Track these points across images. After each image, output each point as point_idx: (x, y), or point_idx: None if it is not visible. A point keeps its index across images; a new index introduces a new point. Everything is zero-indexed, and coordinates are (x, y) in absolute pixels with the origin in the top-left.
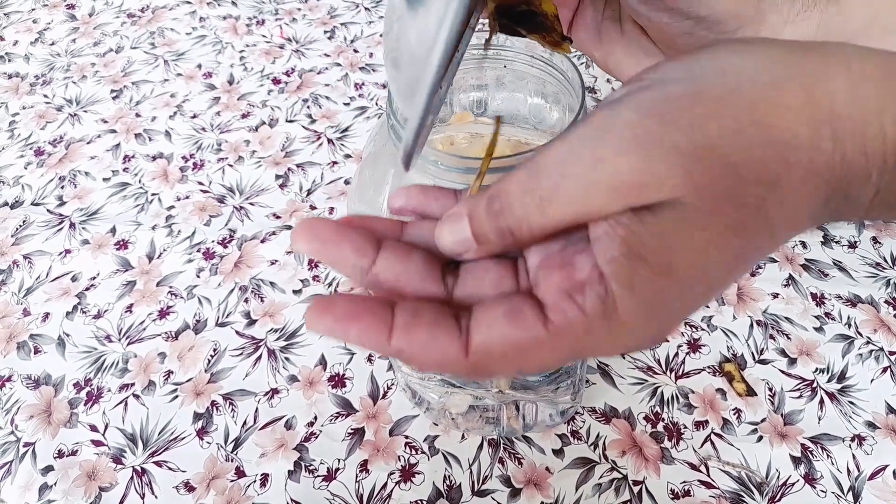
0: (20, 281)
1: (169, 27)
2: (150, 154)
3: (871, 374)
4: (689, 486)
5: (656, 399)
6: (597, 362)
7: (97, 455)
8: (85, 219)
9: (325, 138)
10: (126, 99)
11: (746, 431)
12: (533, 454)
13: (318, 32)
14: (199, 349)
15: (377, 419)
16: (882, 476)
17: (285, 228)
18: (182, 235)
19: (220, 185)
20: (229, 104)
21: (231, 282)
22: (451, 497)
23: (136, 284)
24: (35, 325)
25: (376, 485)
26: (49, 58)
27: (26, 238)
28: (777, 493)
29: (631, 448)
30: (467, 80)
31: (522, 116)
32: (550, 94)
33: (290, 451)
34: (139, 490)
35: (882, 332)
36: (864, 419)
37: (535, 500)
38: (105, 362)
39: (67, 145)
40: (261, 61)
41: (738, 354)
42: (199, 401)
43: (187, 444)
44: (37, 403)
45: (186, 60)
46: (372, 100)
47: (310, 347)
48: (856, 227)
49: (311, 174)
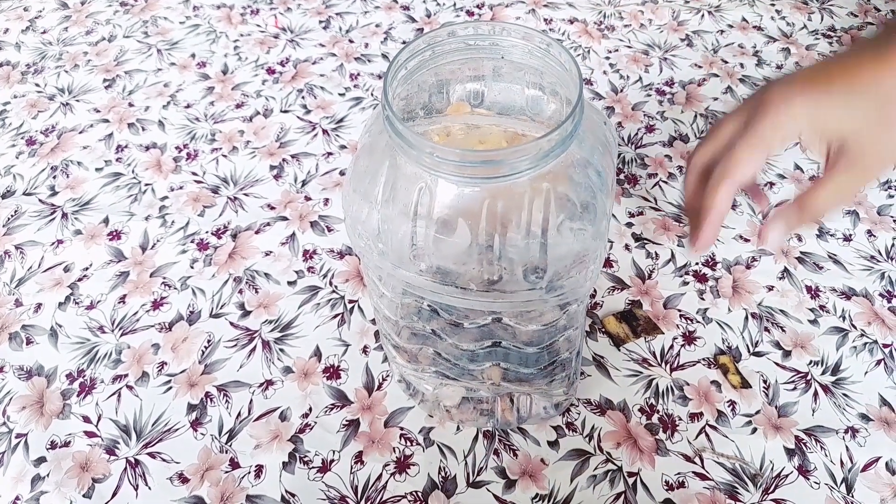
0: (12, 271)
1: (162, 16)
2: (143, 144)
3: (865, 366)
4: (684, 477)
5: (651, 391)
6: (592, 354)
7: (90, 446)
8: (77, 209)
9: (320, 129)
10: (119, 88)
11: (741, 423)
12: (528, 446)
13: (314, 22)
14: (192, 340)
15: (372, 411)
16: (875, 468)
17: (280, 219)
18: (176, 226)
19: (214, 175)
20: (223, 94)
21: (225, 273)
22: (447, 488)
23: (130, 275)
24: (27, 315)
25: (371, 476)
26: (41, 46)
27: (18, 228)
28: (771, 485)
29: (626, 440)
30: (464, 71)
31: (519, 108)
32: (548, 85)
33: (285, 443)
34: (133, 481)
35: (876, 325)
36: (857, 411)
37: (530, 491)
38: (98, 353)
39: (59, 135)
40: (255, 51)
41: (733, 347)
42: (192, 392)
43: (181, 435)
44: (29, 394)
45: (180, 50)
46: (367, 90)
47: (305, 339)
48: (851, 220)
49: (305, 165)
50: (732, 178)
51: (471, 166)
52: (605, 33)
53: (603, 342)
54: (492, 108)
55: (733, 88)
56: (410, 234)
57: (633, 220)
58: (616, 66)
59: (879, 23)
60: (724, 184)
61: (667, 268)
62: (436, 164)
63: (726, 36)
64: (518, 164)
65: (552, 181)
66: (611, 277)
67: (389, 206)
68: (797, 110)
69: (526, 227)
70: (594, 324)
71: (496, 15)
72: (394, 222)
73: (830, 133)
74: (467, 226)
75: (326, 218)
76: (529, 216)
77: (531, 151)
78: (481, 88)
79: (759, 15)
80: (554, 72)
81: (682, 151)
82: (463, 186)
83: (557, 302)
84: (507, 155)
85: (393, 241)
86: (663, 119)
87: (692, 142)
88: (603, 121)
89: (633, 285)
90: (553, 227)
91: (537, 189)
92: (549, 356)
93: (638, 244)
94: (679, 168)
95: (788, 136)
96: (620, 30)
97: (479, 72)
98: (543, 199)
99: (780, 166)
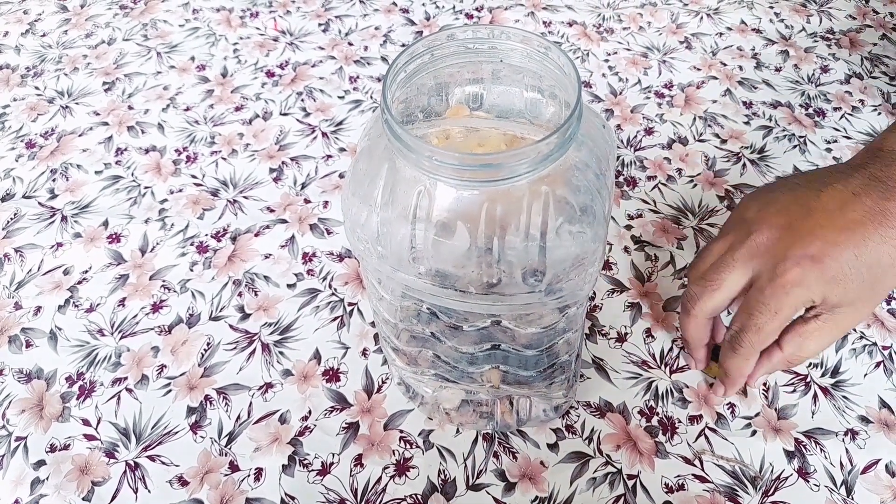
0: (11, 274)
1: (162, 19)
2: (142, 147)
3: (865, 368)
4: (684, 480)
5: (651, 393)
6: (591, 356)
7: (90, 449)
8: (77, 212)
9: (320, 132)
10: (118, 91)
11: (740, 426)
12: (528, 448)
13: (313, 25)
14: (192, 343)
15: (372, 413)
16: (875, 470)
17: (279, 222)
18: (175, 229)
19: (213, 178)
20: (223, 97)
21: (225, 276)
22: (446, 491)
23: (129, 278)
24: (27, 318)
25: (371, 479)
26: (40, 49)
27: (17, 231)
28: (771, 487)
29: (625, 442)
30: (463, 74)
31: (518, 111)
32: (546, 88)
33: (285, 446)
34: (132, 484)
35: (875, 327)
36: (857, 413)
37: (529, 494)
38: (98, 356)
39: (59, 138)
40: (255, 54)
41: None
42: (192, 395)
43: (181, 438)
44: (28, 397)
45: (179, 53)
46: (367, 93)
47: (304, 341)
48: None
49: (305, 168)
50: (762, 347)
51: (470, 169)
52: (604, 36)
53: (602, 344)
54: (491, 112)
55: (732, 91)
56: (409, 237)
57: (633, 222)
58: (615, 68)
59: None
60: (753, 359)
61: (666, 270)
62: (435, 168)
63: (725, 38)
64: (517, 167)
65: (551, 184)
66: (610, 280)
67: (388, 209)
68: (816, 292)
69: (525, 230)
70: (593, 326)
71: (495, 18)
72: (393, 225)
73: (828, 298)
74: (466, 229)
75: (326, 221)
76: (528, 219)
77: (530, 154)
78: (480, 91)
79: (757, 17)
80: (553, 75)
81: (682, 154)
82: (462, 189)
83: (557, 305)
84: (505, 158)
85: (392, 244)
86: (662, 121)
87: (691, 144)
88: (602, 123)
89: (633, 287)
90: (552, 229)
91: (536, 192)
92: (549, 359)
93: (637, 246)
94: (678, 171)
95: (800, 305)
96: (619, 32)
97: (478, 75)
98: (542, 202)
99: (779, 169)
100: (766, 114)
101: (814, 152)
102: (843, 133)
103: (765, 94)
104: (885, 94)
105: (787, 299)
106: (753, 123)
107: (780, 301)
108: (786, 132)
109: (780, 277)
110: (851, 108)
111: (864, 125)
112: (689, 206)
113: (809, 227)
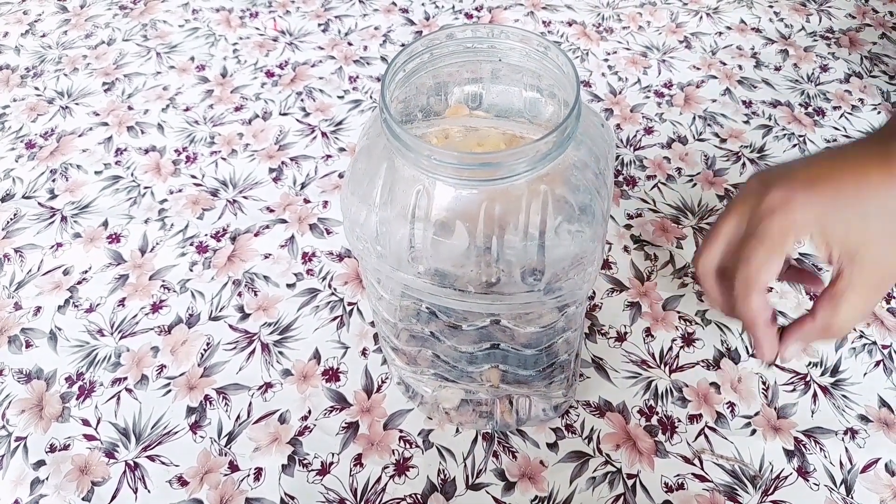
0: (11, 275)
1: (161, 19)
2: (142, 147)
3: (864, 367)
4: (683, 479)
5: (650, 393)
6: (591, 356)
7: (90, 449)
8: (77, 212)
9: (319, 131)
10: (118, 91)
11: (740, 425)
12: (527, 448)
13: (312, 25)
14: (192, 343)
15: (371, 413)
16: (874, 469)
17: (279, 222)
18: (175, 229)
19: (213, 178)
20: (222, 97)
21: (224, 276)
22: (446, 491)
23: (129, 278)
24: (26, 318)
25: (370, 478)
26: (40, 50)
27: (17, 231)
28: (770, 486)
29: (625, 442)
30: (462, 74)
31: (517, 110)
32: (546, 87)
33: (284, 445)
34: (132, 484)
35: (875, 326)
36: (856, 413)
37: (529, 493)
38: (97, 356)
39: (59, 138)
40: (254, 54)
41: (733, 349)
42: (192, 395)
43: (180, 438)
44: (28, 398)
45: (179, 53)
46: (366, 93)
47: (304, 341)
48: None
49: (304, 167)
50: (757, 289)
51: (469, 169)
52: (603, 35)
53: (602, 344)
54: (490, 111)
55: (732, 90)
56: (408, 237)
57: (632, 221)
58: (614, 68)
59: (885, 110)
60: (752, 298)
61: (665, 269)
62: (434, 167)
63: (724, 38)
64: (516, 166)
65: (550, 183)
66: (609, 279)
67: (388, 209)
68: (806, 216)
69: (524, 229)
70: (593, 325)
71: (494, 17)
72: (392, 225)
73: (838, 241)
74: (465, 228)
75: (325, 220)
76: (527, 218)
77: (529, 154)
78: (479, 91)
79: (757, 17)
80: (552, 74)
81: (681, 153)
82: (461, 189)
83: (556, 304)
84: (504, 157)
85: (391, 243)
86: (662, 121)
87: (690, 143)
88: (601, 123)
89: (632, 287)
90: (551, 229)
91: (535, 191)
92: (548, 358)
93: (636, 246)
94: (678, 170)
95: (800, 238)
96: (619, 32)
97: (478, 74)
98: (541, 201)
99: None
100: (765, 113)
101: (813, 151)
102: (843, 132)
103: (764, 93)
104: (885, 93)
105: (771, 223)
106: (753, 122)
107: (764, 227)
108: (785, 131)
109: (763, 203)
110: (851, 107)
111: (863, 124)
112: (689, 205)
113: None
